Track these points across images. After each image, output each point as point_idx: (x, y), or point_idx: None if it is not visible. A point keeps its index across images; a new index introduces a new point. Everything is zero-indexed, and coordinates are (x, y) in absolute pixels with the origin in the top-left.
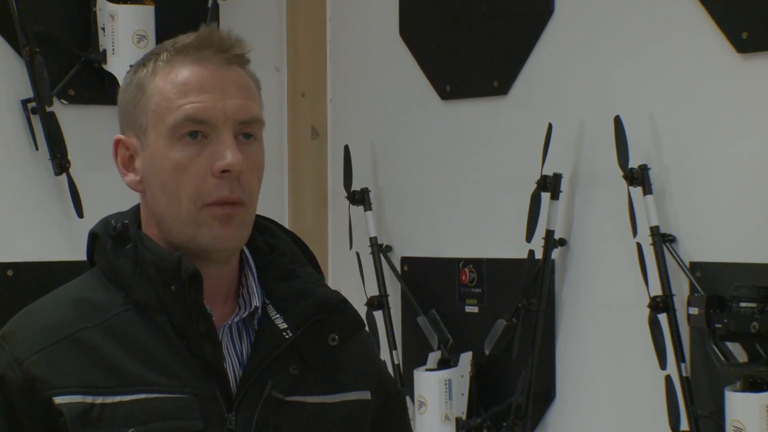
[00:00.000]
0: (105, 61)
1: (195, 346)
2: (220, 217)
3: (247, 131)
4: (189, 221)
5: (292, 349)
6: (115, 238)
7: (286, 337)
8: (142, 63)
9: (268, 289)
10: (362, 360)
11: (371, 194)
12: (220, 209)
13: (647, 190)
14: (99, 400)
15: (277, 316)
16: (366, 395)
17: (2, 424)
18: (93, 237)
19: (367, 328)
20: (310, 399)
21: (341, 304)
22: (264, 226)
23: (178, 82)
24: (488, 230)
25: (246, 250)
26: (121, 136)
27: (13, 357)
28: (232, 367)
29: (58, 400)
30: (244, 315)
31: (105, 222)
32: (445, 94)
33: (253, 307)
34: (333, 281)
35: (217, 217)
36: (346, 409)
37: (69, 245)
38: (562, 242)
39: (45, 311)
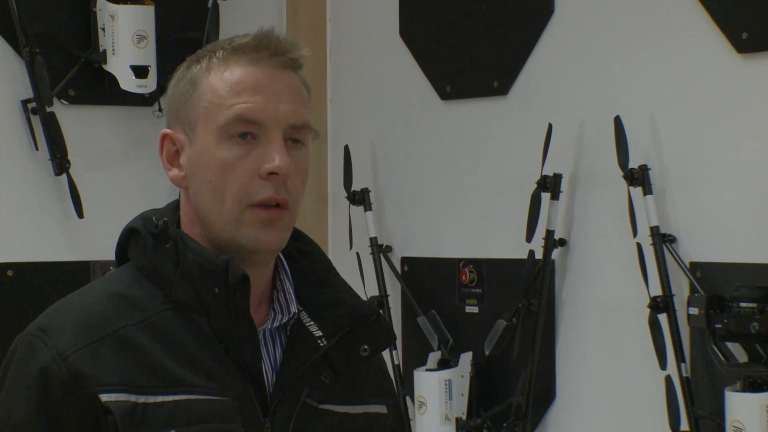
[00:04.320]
0: (105, 62)
1: (234, 349)
2: (264, 220)
3: (296, 136)
4: (231, 220)
5: (323, 358)
6: (155, 235)
7: (321, 345)
8: (196, 59)
9: (302, 296)
10: (378, 373)
11: (371, 194)
12: (265, 212)
13: (647, 190)
14: (142, 399)
15: (311, 323)
16: (383, 409)
17: (34, 415)
18: (131, 232)
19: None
20: (337, 408)
21: (374, 315)
22: (295, 232)
23: (233, 82)
24: (488, 230)
25: (281, 255)
26: (168, 131)
27: (57, 352)
28: (266, 372)
29: (105, 397)
30: (283, 321)
31: (144, 218)
32: (445, 94)
33: (292, 312)
34: None
35: (260, 220)
36: (367, 421)
37: (69, 245)
38: (562, 242)
39: (83, 306)
